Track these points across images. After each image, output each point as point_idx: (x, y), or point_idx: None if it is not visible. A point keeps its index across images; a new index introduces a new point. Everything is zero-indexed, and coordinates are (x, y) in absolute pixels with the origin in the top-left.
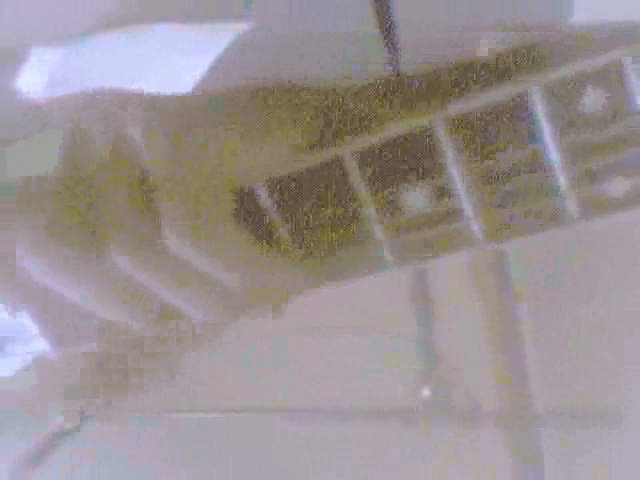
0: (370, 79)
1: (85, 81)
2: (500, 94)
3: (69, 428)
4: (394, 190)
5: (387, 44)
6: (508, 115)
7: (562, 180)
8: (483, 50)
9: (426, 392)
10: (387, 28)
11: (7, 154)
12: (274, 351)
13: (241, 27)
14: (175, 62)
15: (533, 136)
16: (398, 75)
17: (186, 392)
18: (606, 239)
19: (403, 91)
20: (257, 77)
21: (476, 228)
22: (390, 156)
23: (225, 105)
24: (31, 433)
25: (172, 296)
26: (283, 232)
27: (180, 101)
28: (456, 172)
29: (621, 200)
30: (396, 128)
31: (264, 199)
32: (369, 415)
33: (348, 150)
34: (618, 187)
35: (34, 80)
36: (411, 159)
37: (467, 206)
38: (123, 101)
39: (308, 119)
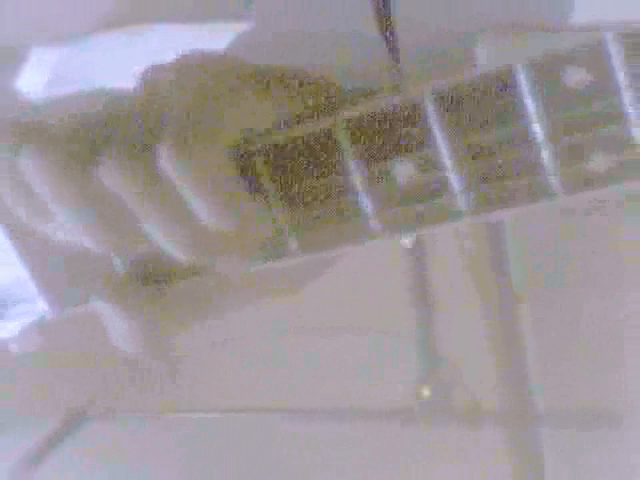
0: (369, 77)
1: (85, 81)
2: (487, 70)
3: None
4: (381, 161)
5: (387, 44)
6: (494, 91)
7: (545, 155)
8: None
9: (426, 392)
10: (387, 28)
11: None
12: (274, 351)
13: (241, 27)
14: None
15: (518, 112)
16: (397, 74)
17: (186, 392)
18: (606, 239)
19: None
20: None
21: (463, 201)
22: (379, 128)
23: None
24: (31, 433)
25: (152, 225)
26: (269, 195)
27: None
28: (444, 145)
29: (603, 176)
30: (385, 101)
31: (255, 161)
32: (369, 415)
33: (338, 120)
34: (600, 163)
35: (34, 80)
36: (399, 131)
37: (454, 179)
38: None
39: (301, 91)
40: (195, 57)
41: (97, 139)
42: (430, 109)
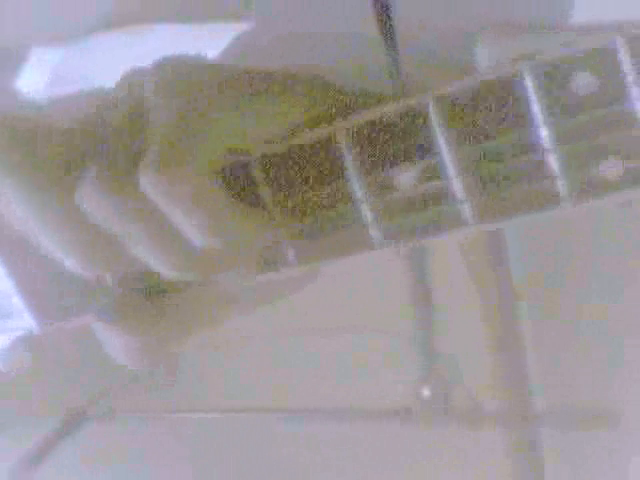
0: (369, 78)
1: (85, 81)
2: (491, 75)
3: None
4: (383, 170)
5: (387, 44)
6: (500, 96)
7: (554, 162)
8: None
9: (426, 392)
10: (387, 28)
11: None
12: (274, 351)
13: (241, 27)
14: None
15: (524, 118)
16: (397, 74)
17: (186, 392)
18: (607, 238)
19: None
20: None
21: (466, 210)
22: (380, 136)
23: (235, 79)
24: (31, 433)
25: (140, 247)
26: (268, 205)
27: (200, 70)
28: (447, 153)
29: (614, 183)
30: (387, 108)
31: (252, 171)
32: (369, 415)
33: (339, 129)
34: (610, 170)
35: (34, 80)
36: (402, 139)
37: (457, 187)
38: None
39: (304, 100)
40: (179, 61)
41: (79, 157)
42: (433, 116)
